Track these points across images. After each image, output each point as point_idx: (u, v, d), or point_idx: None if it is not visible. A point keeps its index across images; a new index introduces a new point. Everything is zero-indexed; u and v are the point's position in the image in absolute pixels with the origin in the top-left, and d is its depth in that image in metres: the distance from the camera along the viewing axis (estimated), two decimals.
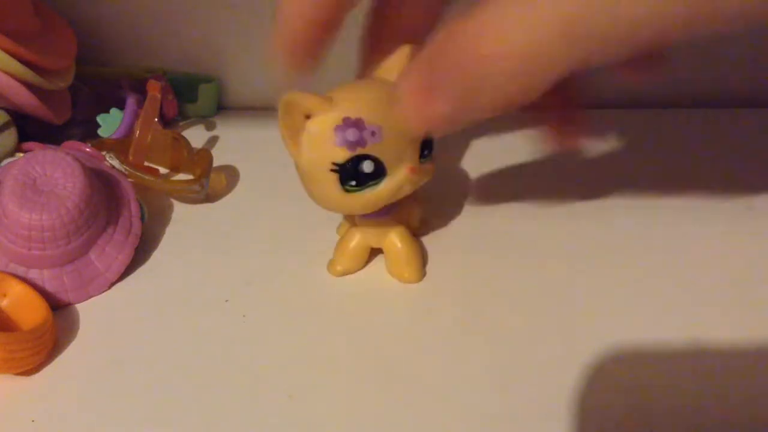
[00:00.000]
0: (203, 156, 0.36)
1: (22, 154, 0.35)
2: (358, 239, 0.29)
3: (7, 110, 0.36)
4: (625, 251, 0.31)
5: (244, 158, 0.40)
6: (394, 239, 0.29)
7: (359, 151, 0.24)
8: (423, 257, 0.30)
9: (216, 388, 0.24)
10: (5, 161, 0.34)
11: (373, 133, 0.24)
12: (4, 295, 0.27)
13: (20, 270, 0.28)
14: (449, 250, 0.31)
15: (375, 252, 0.30)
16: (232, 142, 0.43)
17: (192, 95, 0.45)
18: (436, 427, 0.22)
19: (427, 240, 0.32)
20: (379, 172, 0.24)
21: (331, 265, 0.30)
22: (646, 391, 0.23)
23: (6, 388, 0.25)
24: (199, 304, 0.28)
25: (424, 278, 0.29)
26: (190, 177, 0.36)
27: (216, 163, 0.37)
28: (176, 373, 0.25)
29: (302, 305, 0.28)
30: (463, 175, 0.37)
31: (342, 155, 0.24)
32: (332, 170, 0.24)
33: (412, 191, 0.26)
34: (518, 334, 0.26)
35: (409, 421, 0.23)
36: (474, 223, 0.33)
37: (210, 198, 0.36)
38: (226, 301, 0.28)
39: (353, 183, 0.24)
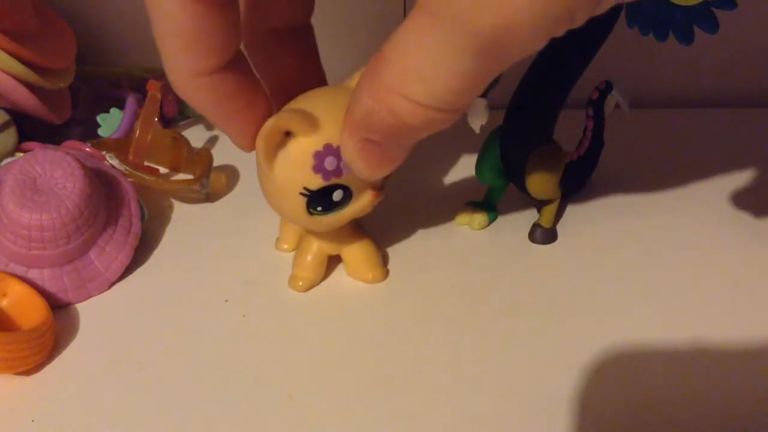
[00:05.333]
0: (203, 156, 0.36)
1: (22, 154, 0.35)
2: (315, 249, 0.28)
3: (7, 110, 0.36)
4: (624, 251, 0.31)
5: (244, 158, 0.40)
6: (353, 245, 0.28)
7: (334, 180, 0.23)
8: (383, 257, 0.30)
9: (216, 388, 0.24)
10: (5, 161, 0.34)
11: None
12: (5, 295, 0.27)
13: (20, 270, 0.28)
14: (445, 246, 0.31)
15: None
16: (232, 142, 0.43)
17: None
18: (435, 427, 0.22)
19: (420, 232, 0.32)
20: (347, 199, 0.24)
21: (292, 280, 0.29)
22: (646, 392, 0.23)
23: (6, 388, 0.25)
24: (199, 304, 0.28)
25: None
26: (190, 177, 0.36)
27: (216, 162, 0.37)
28: (176, 373, 0.25)
29: (302, 305, 0.28)
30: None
31: (316, 183, 0.23)
32: (302, 194, 0.23)
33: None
34: (520, 333, 0.26)
35: (409, 420, 0.23)
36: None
37: (210, 198, 0.36)
38: (226, 301, 0.28)
39: (320, 209, 0.24)
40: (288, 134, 0.22)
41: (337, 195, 0.24)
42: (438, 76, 0.15)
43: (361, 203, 0.25)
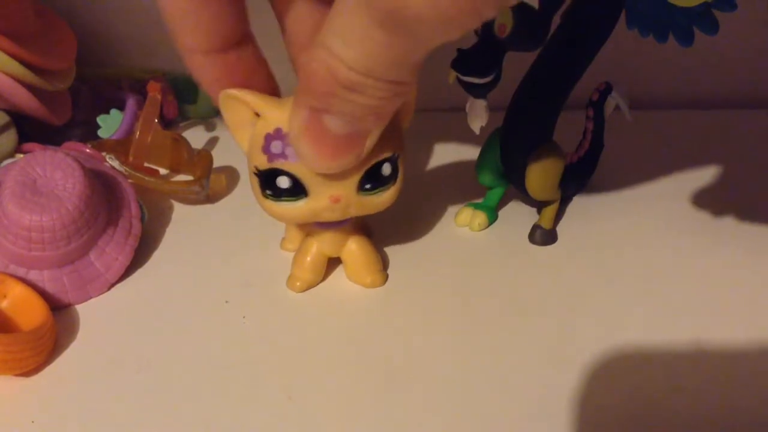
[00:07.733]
0: (203, 157, 0.36)
1: (22, 155, 0.35)
2: (314, 250, 0.28)
3: (8, 111, 0.36)
4: (623, 252, 0.31)
5: (244, 159, 0.40)
6: (353, 248, 0.28)
7: (277, 164, 0.23)
8: (383, 261, 0.30)
9: (216, 389, 0.24)
10: (5, 162, 0.34)
11: None
12: (5, 296, 0.27)
13: (20, 271, 0.28)
14: (445, 247, 0.31)
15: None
16: (232, 143, 0.42)
17: (192, 96, 0.45)
18: (435, 427, 0.22)
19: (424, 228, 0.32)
20: (297, 191, 0.24)
21: (290, 280, 0.29)
22: (646, 391, 0.23)
23: (6, 388, 0.25)
24: (199, 305, 0.28)
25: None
26: (190, 178, 0.36)
27: (216, 164, 0.37)
28: (176, 374, 0.25)
29: (302, 307, 0.28)
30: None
31: (262, 163, 0.23)
32: (254, 173, 0.24)
33: (341, 218, 0.25)
34: (520, 334, 0.26)
35: (409, 420, 0.23)
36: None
37: (210, 199, 0.36)
38: (226, 302, 0.28)
39: (269, 192, 0.24)
40: (258, 115, 0.23)
41: (282, 182, 0.23)
42: (352, 41, 0.16)
43: (316, 204, 0.24)
